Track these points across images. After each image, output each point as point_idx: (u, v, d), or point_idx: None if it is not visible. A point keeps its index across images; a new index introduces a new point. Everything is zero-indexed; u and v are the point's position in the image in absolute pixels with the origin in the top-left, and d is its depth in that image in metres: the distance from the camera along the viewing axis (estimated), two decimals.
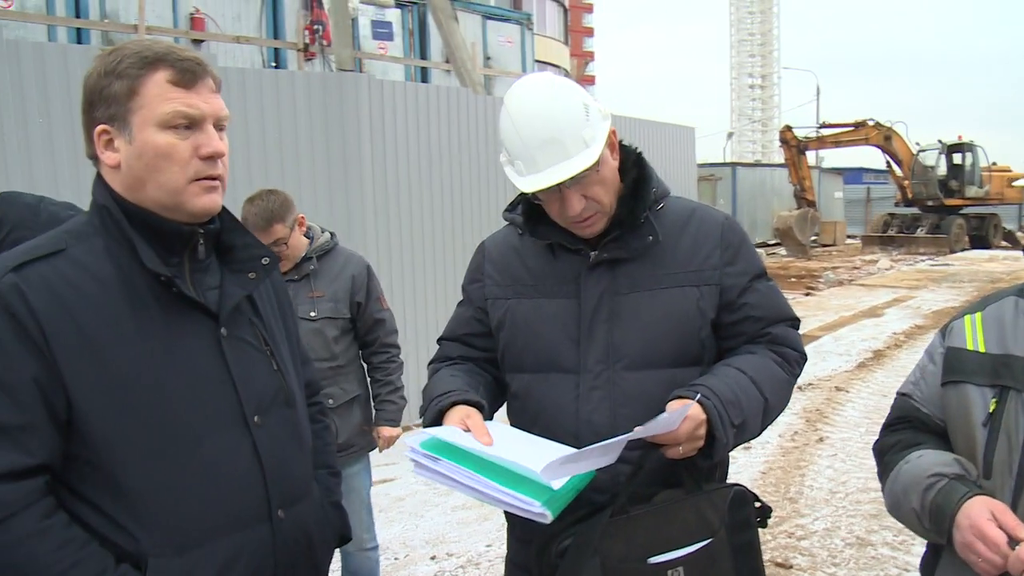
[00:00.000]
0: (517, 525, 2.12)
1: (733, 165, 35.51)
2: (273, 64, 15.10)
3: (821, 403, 8.21)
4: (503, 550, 4.87)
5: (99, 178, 1.59)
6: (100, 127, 1.54)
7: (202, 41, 13.62)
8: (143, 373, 1.51)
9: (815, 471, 6.25)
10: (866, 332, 12.45)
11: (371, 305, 3.68)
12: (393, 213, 7.38)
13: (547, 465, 1.65)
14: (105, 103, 1.53)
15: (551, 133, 1.83)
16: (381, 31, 16.21)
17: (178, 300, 1.57)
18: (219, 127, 1.61)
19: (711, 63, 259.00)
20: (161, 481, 1.52)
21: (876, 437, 2.02)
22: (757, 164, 43.29)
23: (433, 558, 4.86)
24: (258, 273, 1.71)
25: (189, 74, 1.55)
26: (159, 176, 1.54)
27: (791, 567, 4.59)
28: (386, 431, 3.78)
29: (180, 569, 1.52)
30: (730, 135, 65.62)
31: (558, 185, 1.84)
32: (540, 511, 1.67)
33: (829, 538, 5.02)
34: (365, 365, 3.84)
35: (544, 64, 24.84)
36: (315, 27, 14.40)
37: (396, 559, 4.81)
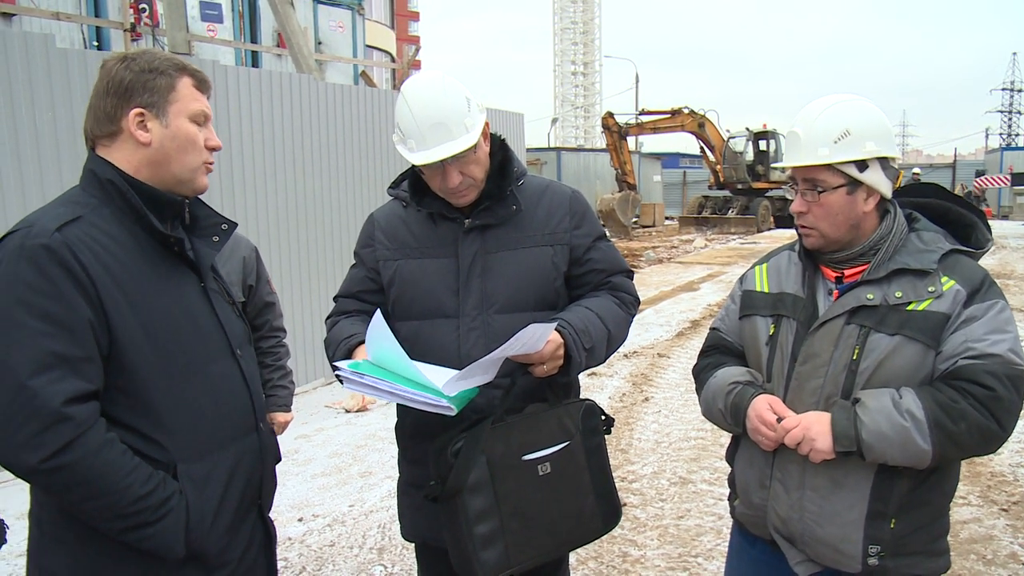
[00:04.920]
0: (408, 449, 2.54)
1: (558, 150, 36.45)
2: (95, 44, 14.27)
3: (645, 368, 8.90)
4: (366, 507, 5.29)
5: (99, 158, 1.89)
6: (137, 110, 1.86)
7: (13, 15, 12.52)
8: (161, 315, 1.85)
9: (642, 426, 6.95)
10: (684, 305, 13.49)
11: (262, 288, 3.59)
12: (239, 201, 7.42)
13: (447, 382, 2.10)
14: (148, 92, 1.87)
15: (440, 118, 2.24)
16: (210, 12, 15.66)
17: (174, 258, 1.93)
18: None
19: (535, 51, 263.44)
20: (181, 400, 1.87)
21: (693, 396, 2.55)
22: (580, 149, 44.29)
23: (300, 519, 5.15)
24: (220, 237, 2.07)
25: (204, 83, 1.98)
26: (184, 156, 1.92)
27: (625, 504, 5.18)
28: (281, 417, 3.63)
29: (201, 472, 1.89)
30: (554, 121, 67.04)
31: (442, 161, 2.25)
32: (447, 405, 2.10)
33: (656, 479, 5.69)
34: None
35: (372, 49, 24.66)
36: (141, 6, 13.70)
37: None
